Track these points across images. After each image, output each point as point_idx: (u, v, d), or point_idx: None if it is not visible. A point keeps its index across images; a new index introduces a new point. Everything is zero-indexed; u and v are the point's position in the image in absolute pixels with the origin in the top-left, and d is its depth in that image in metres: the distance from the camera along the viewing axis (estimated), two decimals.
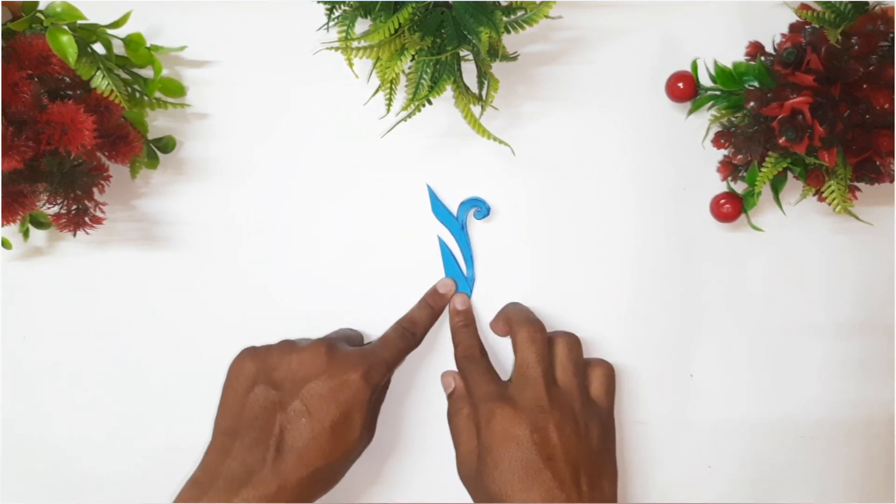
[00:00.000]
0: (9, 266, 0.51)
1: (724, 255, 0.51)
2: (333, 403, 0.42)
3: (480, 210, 0.50)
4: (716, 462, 0.51)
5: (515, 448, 0.42)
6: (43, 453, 0.51)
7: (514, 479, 0.42)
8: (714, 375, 0.51)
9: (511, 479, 0.42)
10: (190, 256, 0.51)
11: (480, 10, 0.42)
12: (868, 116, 0.42)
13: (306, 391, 0.42)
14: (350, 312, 0.50)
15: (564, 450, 0.42)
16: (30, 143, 0.40)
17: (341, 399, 0.42)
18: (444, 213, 0.50)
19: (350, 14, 0.43)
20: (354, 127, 0.50)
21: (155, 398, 0.51)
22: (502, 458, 0.42)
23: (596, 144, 0.51)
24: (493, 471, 0.42)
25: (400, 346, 0.47)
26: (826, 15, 0.43)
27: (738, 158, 0.46)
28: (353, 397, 0.42)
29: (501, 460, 0.42)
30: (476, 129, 0.45)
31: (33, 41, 0.41)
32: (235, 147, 0.51)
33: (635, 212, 0.51)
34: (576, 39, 0.50)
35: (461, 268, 0.50)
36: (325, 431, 0.42)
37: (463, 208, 0.50)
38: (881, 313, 0.51)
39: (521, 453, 0.42)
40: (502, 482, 0.42)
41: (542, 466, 0.42)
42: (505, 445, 0.42)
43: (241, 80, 0.50)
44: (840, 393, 0.51)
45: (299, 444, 0.41)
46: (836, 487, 0.51)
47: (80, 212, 0.44)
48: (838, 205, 0.44)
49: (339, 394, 0.42)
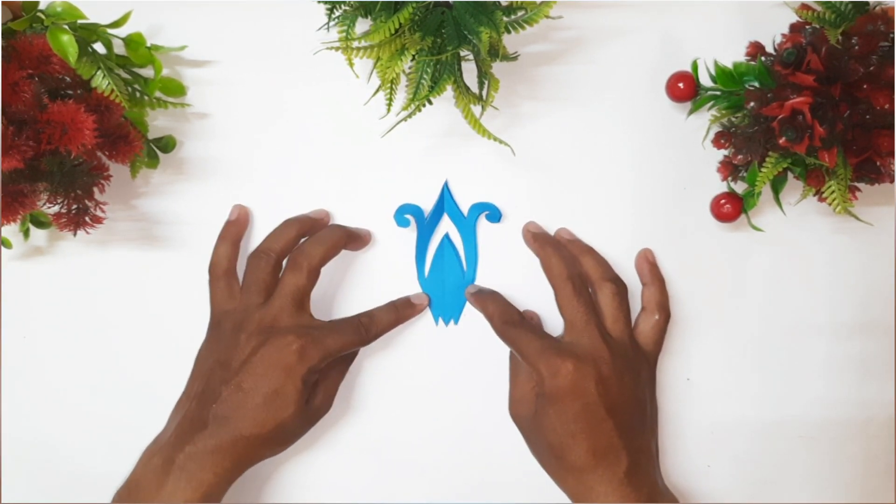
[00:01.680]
0: (9, 266, 0.51)
1: (724, 255, 0.51)
2: (265, 380, 0.44)
3: (492, 214, 0.50)
4: (716, 462, 0.51)
5: (581, 399, 0.43)
6: (43, 453, 0.51)
7: (577, 429, 0.43)
8: (714, 375, 0.51)
9: (574, 430, 0.43)
10: (190, 256, 0.51)
11: (481, 10, 0.42)
12: (868, 117, 0.42)
13: (247, 366, 0.44)
14: (350, 312, 0.50)
15: (623, 400, 0.44)
16: (30, 142, 0.40)
17: (273, 376, 0.44)
18: (455, 212, 0.50)
19: (350, 14, 0.43)
20: (354, 127, 0.50)
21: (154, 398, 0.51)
22: (568, 409, 0.43)
23: (596, 144, 0.51)
24: (556, 421, 0.44)
25: (348, 337, 0.47)
26: (826, 15, 0.43)
27: (739, 158, 0.46)
28: (286, 374, 0.44)
29: (566, 411, 0.43)
30: (476, 129, 0.45)
31: (34, 41, 0.41)
32: (235, 147, 0.51)
33: (635, 212, 0.51)
34: (576, 39, 0.50)
35: (462, 265, 0.50)
36: (257, 404, 0.44)
37: (474, 210, 0.50)
38: (881, 313, 0.51)
39: (586, 405, 0.43)
40: (564, 432, 0.44)
41: (605, 416, 0.43)
42: (571, 396, 0.43)
43: (241, 80, 0.50)
44: (840, 393, 0.51)
45: (233, 414, 0.44)
46: (836, 487, 0.51)
47: (80, 211, 0.44)
48: (838, 205, 0.44)
49: (272, 371, 0.44)
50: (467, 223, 0.50)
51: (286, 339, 0.44)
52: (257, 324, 0.45)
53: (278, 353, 0.44)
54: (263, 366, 0.44)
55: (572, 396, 0.43)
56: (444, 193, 0.50)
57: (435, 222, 0.51)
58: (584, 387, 0.43)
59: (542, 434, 0.45)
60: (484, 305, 0.48)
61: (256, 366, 0.44)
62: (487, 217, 0.50)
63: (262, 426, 0.44)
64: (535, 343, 0.45)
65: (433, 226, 0.51)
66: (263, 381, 0.44)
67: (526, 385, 0.47)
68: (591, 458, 0.43)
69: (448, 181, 0.50)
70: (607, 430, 0.43)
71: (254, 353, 0.44)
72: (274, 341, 0.44)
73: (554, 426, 0.44)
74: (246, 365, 0.44)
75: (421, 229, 0.50)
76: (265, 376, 0.44)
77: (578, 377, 0.43)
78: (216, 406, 0.44)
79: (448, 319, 0.51)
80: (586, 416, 0.43)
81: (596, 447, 0.43)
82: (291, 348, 0.44)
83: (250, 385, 0.44)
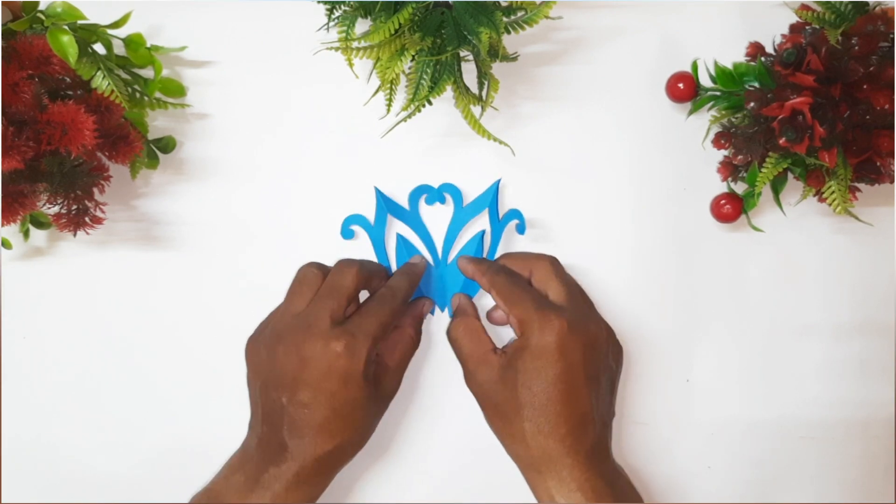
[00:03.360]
0: (9, 266, 0.51)
1: (724, 256, 0.51)
2: (325, 394, 0.42)
3: (520, 225, 0.50)
4: (716, 463, 0.51)
5: (565, 361, 0.42)
6: (43, 453, 0.51)
7: (553, 391, 0.42)
8: (714, 376, 0.51)
9: (550, 391, 0.42)
10: (190, 256, 0.51)
11: (480, 10, 0.42)
12: (868, 117, 0.42)
13: (301, 383, 0.43)
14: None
15: (601, 370, 0.44)
16: (30, 143, 0.40)
17: (332, 386, 0.42)
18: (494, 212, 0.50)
19: (350, 14, 0.43)
20: (354, 127, 0.50)
21: (155, 398, 0.51)
22: (550, 368, 0.42)
23: (596, 145, 0.51)
24: (534, 379, 0.42)
25: (380, 311, 0.45)
26: (826, 15, 0.43)
27: (739, 159, 0.46)
28: (342, 379, 0.42)
29: (547, 371, 0.42)
30: (476, 129, 0.45)
31: (34, 41, 0.41)
32: (235, 147, 0.51)
33: (635, 212, 0.51)
34: (576, 39, 0.50)
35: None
36: (327, 417, 0.42)
37: (510, 216, 0.50)
38: (881, 314, 0.51)
39: (568, 368, 0.42)
40: (540, 392, 0.42)
41: (584, 384, 0.42)
42: (557, 355, 0.42)
43: (241, 80, 0.50)
44: (839, 393, 0.51)
45: (307, 433, 0.42)
46: (835, 487, 0.51)
47: (80, 212, 0.44)
48: (838, 205, 0.44)
49: (328, 382, 0.42)
50: (500, 226, 0.50)
51: (328, 347, 0.42)
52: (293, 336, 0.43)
53: (327, 359, 0.42)
54: (319, 377, 0.42)
55: (558, 355, 0.42)
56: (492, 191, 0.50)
57: (382, 224, 0.50)
58: (572, 349, 0.42)
59: (510, 392, 0.43)
60: (478, 262, 0.48)
61: (312, 379, 0.42)
62: (516, 228, 0.50)
63: (339, 435, 0.43)
64: (532, 294, 0.44)
65: (381, 228, 0.50)
66: (325, 392, 0.42)
67: (480, 348, 0.45)
68: (561, 424, 0.42)
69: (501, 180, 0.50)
70: (583, 398, 0.42)
71: (304, 367, 0.42)
72: (315, 351, 0.42)
73: (529, 384, 0.42)
74: (300, 381, 0.42)
75: (372, 235, 0.50)
76: (325, 387, 0.42)
77: (568, 338, 0.42)
78: (287, 428, 0.43)
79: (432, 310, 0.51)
80: (567, 380, 0.42)
81: (569, 414, 0.42)
82: (338, 351, 0.42)
83: (313, 400, 0.42)
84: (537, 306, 0.43)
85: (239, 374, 0.46)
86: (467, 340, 0.46)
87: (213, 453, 0.48)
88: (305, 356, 0.42)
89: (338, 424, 0.43)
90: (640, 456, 0.51)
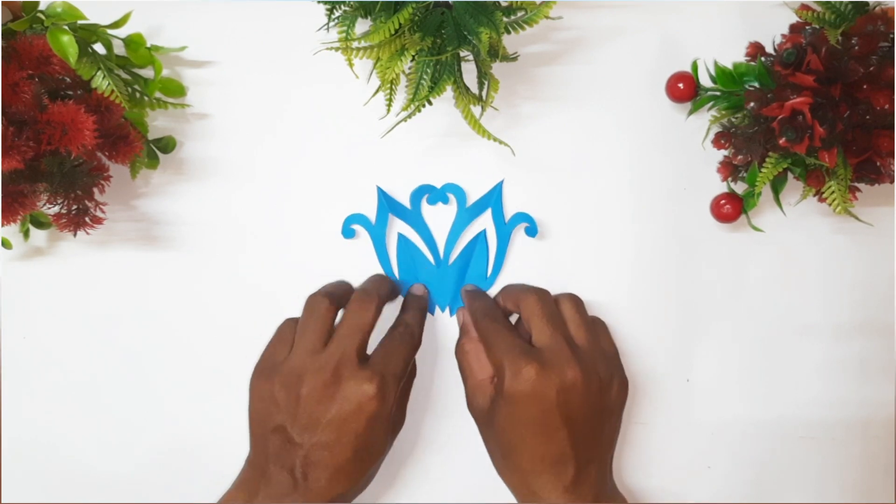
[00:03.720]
0: (9, 266, 0.51)
1: (724, 256, 0.51)
2: (351, 433, 0.42)
3: (530, 228, 0.50)
4: (716, 462, 0.51)
5: (539, 406, 0.42)
6: (43, 453, 0.51)
7: (527, 434, 0.43)
8: (714, 376, 0.51)
9: (525, 434, 0.43)
10: (190, 257, 0.51)
11: (480, 10, 0.42)
12: (868, 117, 0.42)
13: (324, 422, 0.42)
14: None
15: (584, 410, 0.43)
16: (30, 143, 0.40)
17: (358, 427, 0.42)
18: (499, 213, 0.50)
19: (350, 14, 0.43)
20: (354, 127, 0.50)
21: (154, 398, 0.51)
22: (523, 412, 0.42)
23: (596, 145, 0.51)
24: (510, 421, 0.43)
25: (403, 353, 0.45)
26: (826, 15, 0.43)
27: (739, 159, 0.46)
28: (371, 420, 0.42)
29: (522, 414, 0.42)
30: (476, 129, 0.45)
31: (34, 41, 0.41)
32: (235, 147, 0.51)
33: (635, 212, 0.51)
34: (576, 39, 0.50)
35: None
36: (347, 459, 0.42)
37: (516, 219, 0.50)
38: (881, 314, 0.51)
39: (543, 411, 0.42)
40: (516, 435, 0.43)
41: (561, 426, 0.42)
42: (529, 401, 0.42)
43: (241, 80, 0.50)
44: (839, 393, 0.51)
45: (323, 474, 0.41)
46: (835, 487, 0.51)
47: (80, 212, 0.44)
48: (838, 205, 0.44)
49: (355, 422, 0.42)
50: (507, 228, 0.50)
51: (361, 386, 0.42)
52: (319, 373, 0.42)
53: (357, 401, 0.41)
54: (346, 417, 0.41)
55: (530, 401, 0.42)
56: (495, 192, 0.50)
57: (383, 224, 0.50)
58: (544, 393, 0.42)
59: (493, 430, 0.44)
60: (472, 301, 0.48)
61: (338, 420, 0.41)
62: (526, 230, 0.50)
63: (355, 478, 0.42)
64: (507, 340, 0.44)
65: (382, 227, 0.50)
66: (349, 433, 0.41)
67: (481, 374, 0.46)
68: (537, 463, 0.42)
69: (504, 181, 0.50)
70: (560, 440, 0.42)
71: (329, 408, 0.41)
72: (346, 390, 0.42)
73: (505, 427, 0.43)
74: (324, 422, 0.41)
75: (373, 235, 0.50)
76: (350, 428, 0.41)
77: (539, 383, 0.42)
78: (301, 469, 0.41)
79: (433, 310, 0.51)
80: (541, 423, 0.42)
81: (544, 454, 0.42)
82: (370, 394, 0.41)
83: (336, 441, 0.41)
84: (511, 353, 0.43)
85: (238, 374, 0.46)
86: (470, 362, 0.47)
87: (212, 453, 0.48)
88: (335, 397, 0.42)
89: (356, 466, 0.42)
90: (640, 455, 0.51)
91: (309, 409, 0.42)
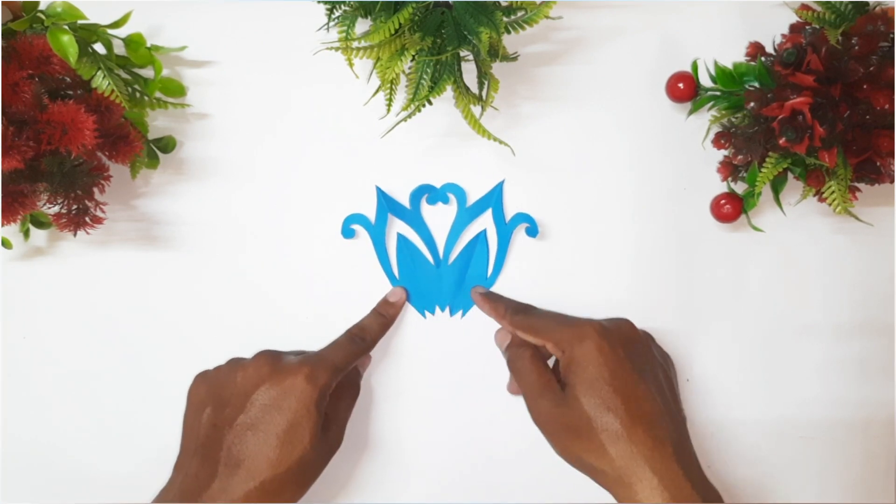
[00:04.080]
0: (9, 266, 0.51)
1: (724, 256, 0.51)
2: (278, 412, 0.41)
3: (531, 229, 0.50)
4: (716, 462, 0.51)
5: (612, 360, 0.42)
6: (43, 453, 0.51)
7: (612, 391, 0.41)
8: (714, 376, 0.51)
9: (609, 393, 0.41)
10: (190, 256, 0.51)
11: (480, 10, 0.42)
12: (868, 117, 0.42)
13: (250, 403, 0.42)
14: (350, 311, 0.50)
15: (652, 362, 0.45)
16: (30, 142, 0.40)
17: (285, 406, 0.42)
18: (499, 214, 0.50)
19: (350, 14, 0.43)
20: (354, 127, 0.50)
21: (154, 398, 0.51)
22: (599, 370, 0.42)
23: (596, 145, 0.51)
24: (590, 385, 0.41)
25: (347, 349, 0.46)
26: (826, 15, 0.43)
27: (739, 159, 0.46)
28: (299, 402, 0.42)
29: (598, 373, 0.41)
30: (476, 129, 0.45)
31: (34, 41, 0.41)
32: (235, 147, 0.51)
33: (635, 212, 0.51)
34: (576, 39, 0.50)
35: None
36: (272, 441, 0.41)
37: (516, 219, 0.50)
38: (881, 313, 0.51)
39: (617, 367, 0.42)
40: (601, 396, 0.41)
41: (639, 379, 0.42)
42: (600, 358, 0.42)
43: (241, 80, 0.50)
44: (839, 393, 0.51)
45: (246, 457, 0.41)
46: (835, 487, 0.51)
47: (80, 212, 0.44)
48: (838, 205, 0.44)
49: (283, 401, 0.42)
50: (507, 229, 0.50)
51: (291, 367, 0.43)
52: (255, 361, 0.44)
53: (285, 383, 0.42)
54: (272, 399, 0.42)
55: (602, 357, 0.42)
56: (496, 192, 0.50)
57: (383, 224, 0.50)
58: (612, 347, 0.42)
59: (576, 408, 0.41)
60: (494, 304, 0.49)
61: (265, 401, 0.42)
62: (526, 231, 0.50)
63: (280, 465, 0.40)
64: (554, 318, 0.46)
65: (382, 227, 0.50)
66: (276, 415, 0.41)
67: (542, 378, 0.44)
68: (634, 425, 0.40)
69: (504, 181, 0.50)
70: (643, 393, 0.41)
71: (257, 387, 0.42)
72: (278, 372, 0.42)
73: (588, 392, 0.41)
74: (252, 402, 0.42)
75: (373, 235, 0.50)
76: (277, 410, 0.41)
77: (605, 339, 0.43)
78: (224, 453, 0.41)
79: (433, 310, 0.51)
80: (620, 377, 0.41)
81: (636, 412, 0.40)
82: (298, 376, 0.42)
83: (261, 422, 0.41)
84: (565, 323, 0.45)
85: None
86: (531, 370, 0.45)
87: None
88: (263, 377, 0.42)
89: (281, 453, 0.41)
90: None
91: (239, 390, 0.42)
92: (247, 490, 0.40)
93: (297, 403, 0.42)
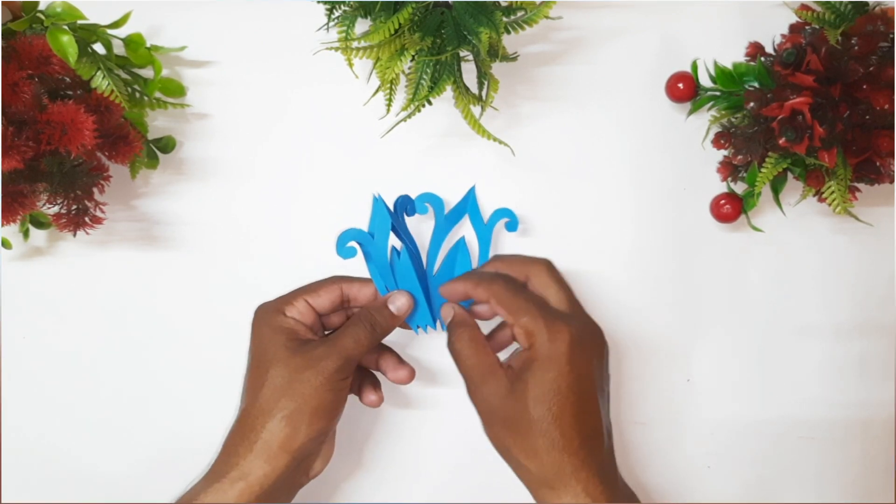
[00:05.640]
0: (9, 266, 0.51)
1: (723, 256, 0.51)
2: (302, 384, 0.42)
3: (511, 223, 0.49)
4: (715, 462, 0.51)
5: (576, 372, 0.41)
6: (44, 452, 0.51)
7: (566, 403, 0.40)
8: (713, 376, 0.51)
9: (563, 404, 0.40)
10: (190, 256, 0.51)
11: (480, 10, 0.42)
12: (868, 117, 0.42)
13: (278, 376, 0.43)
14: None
15: (606, 378, 0.43)
16: (30, 143, 0.40)
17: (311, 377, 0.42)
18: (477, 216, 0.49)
19: (350, 14, 0.43)
20: (354, 127, 0.50)
21: (155, 398, 0.51)
22: (560, 379, 0.40)
23: (596, 145, 0.51)
24: (546, 390, 0.40)
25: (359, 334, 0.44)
26: (826, 15, 0.43)
27: (738, 159, 0.46)
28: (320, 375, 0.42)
29: (558, 381, 0.40)
30: (476, 129, 0.45)
31: (34, 41, 0.41)
32: (235, 147, 0.51)
33: (635, 212, 0.51)
34: (576, 39, 0.50)
35: None
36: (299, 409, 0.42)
37: (495, 216, 0.49)
38: (880, 313, 0.51)
39: (580, 377, 0.41)
40: (553, 404, 0.40)
41: (595, 394, 0.41)
42: (567, 367, 0.40)
43: (241, 80, 0.50)
44: (839, 393, 0.51)
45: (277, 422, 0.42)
46: (835, 487, 0.51)
47: (80, 212, 0.44)
48: (838, 205, 0.44)
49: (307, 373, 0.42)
50: (486, 229, 0.49)
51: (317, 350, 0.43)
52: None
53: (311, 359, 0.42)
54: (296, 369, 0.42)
55: (569, 366, 0.40)
56: (470, 197, 0.49)
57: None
58: (581, 359, 0.41)
59: (521, 406, 0.41)
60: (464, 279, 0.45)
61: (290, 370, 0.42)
62: (506, 226, 0.49)
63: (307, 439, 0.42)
64: (534, 302, 0.42)
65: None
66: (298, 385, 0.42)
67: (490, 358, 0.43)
68: (574, 437, 0.40)
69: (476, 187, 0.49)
70: (594, 410, 0.41)
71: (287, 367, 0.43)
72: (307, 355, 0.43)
73: (541, 397, 0.40)
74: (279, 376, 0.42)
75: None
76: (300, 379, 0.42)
77: (578, 347, 0.41)
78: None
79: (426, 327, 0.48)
80: (578, 391, 0.40)
81: (581, 427, 0.40)
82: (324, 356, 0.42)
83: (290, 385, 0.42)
84: (544, 315, 0.42)
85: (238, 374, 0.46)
86: (472, 352, 0.43)
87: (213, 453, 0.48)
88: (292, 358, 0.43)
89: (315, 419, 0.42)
90: (640, 456, 0.51)
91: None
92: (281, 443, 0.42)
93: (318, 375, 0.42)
